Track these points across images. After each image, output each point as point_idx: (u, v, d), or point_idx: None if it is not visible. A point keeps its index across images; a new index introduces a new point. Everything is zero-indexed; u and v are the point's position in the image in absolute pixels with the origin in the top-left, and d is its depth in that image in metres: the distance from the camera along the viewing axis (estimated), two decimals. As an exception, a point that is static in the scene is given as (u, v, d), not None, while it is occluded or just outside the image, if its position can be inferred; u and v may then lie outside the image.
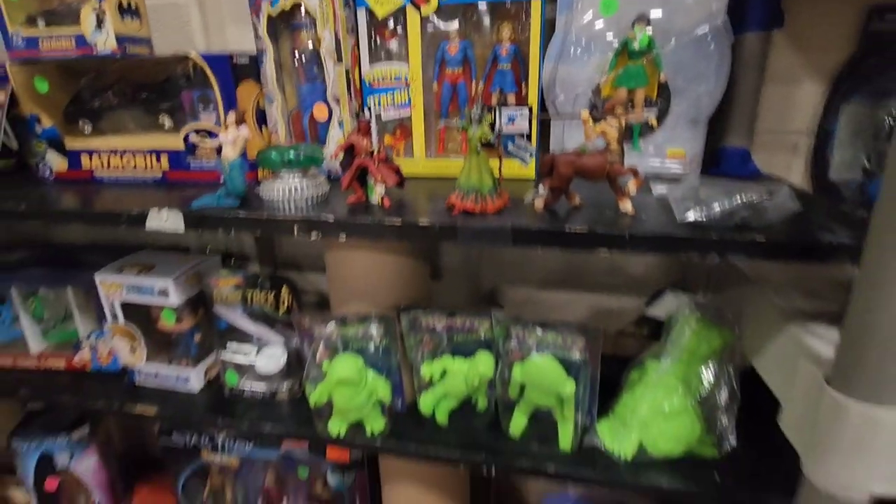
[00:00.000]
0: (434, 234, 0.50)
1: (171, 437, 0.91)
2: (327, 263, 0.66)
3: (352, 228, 0.52)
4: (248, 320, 0.73)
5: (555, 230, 0.48)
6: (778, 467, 0.57)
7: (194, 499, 0.97)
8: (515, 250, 0.84)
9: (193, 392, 0.75)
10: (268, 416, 0.69)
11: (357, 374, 0.59)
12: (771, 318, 0.54)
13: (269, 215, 0.55)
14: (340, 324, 0.61)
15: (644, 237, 0.45)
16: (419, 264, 0.67)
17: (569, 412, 0.59)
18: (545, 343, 0.58)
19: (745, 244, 0.43)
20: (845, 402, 0.38)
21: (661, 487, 0.55)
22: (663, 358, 0.57)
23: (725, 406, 0.59)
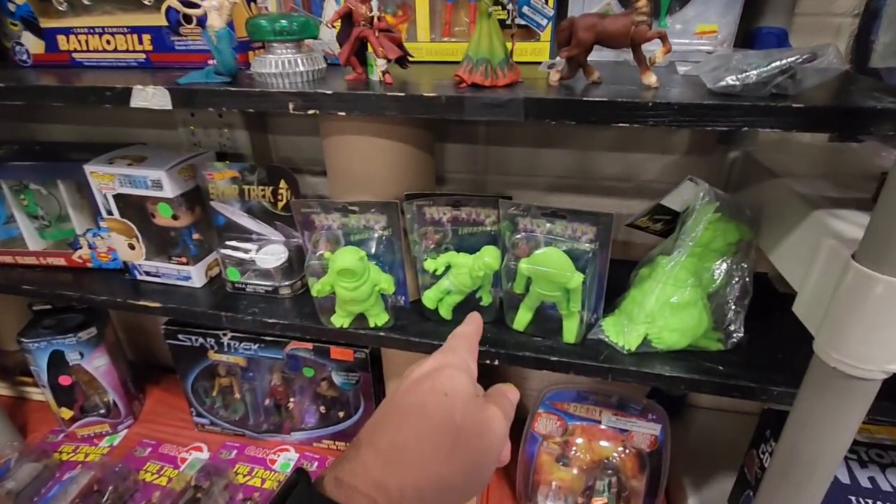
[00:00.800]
0: (440, 107, 0.46)
1: (178, 338, 0.93)
2: (325, 152, 0.62)
3: (351, 102, 0.49)
4: (247, 217, 0.70)
5: (572, 99, 0.44)
6: (785, 359, 0.57)
7: (203, 398, 1.00)
8: (523, 153, 0.80)
9: (196, 288, 0.75)
10: (271, 312, 0.68)
11: (359, 264, 0.58)
12: (794, 206, 0.51)
13: (263, 90, 0.51)
14: (342, 213, 0.59)
15: (670, 105, 0.41)
16: (423, 156, 0.63)
17: (575, 306, 0.58)
18: (554, 234, 0.56)
19: (782, 111, 0.40)
20: (871, 275, 0.36)
21: (664, 375, 0.55)
22: (676, 250, 0.55)
23: (736, 301, 0.58)
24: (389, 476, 0.26)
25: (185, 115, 0.84)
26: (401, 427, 0.29)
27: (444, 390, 0.30)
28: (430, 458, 0.27)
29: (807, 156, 0.64)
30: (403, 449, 0.27)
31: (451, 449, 0.28)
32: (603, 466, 0.73)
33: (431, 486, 0.27)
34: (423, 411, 0.29)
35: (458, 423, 0.29)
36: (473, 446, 0.29)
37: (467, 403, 0.30)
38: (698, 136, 0.74)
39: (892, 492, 0.56)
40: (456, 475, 0.28)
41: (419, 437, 0.28)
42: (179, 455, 1.00)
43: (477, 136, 0.81)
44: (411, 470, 0.27)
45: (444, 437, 0.28)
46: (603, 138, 0.77)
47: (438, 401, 0.29)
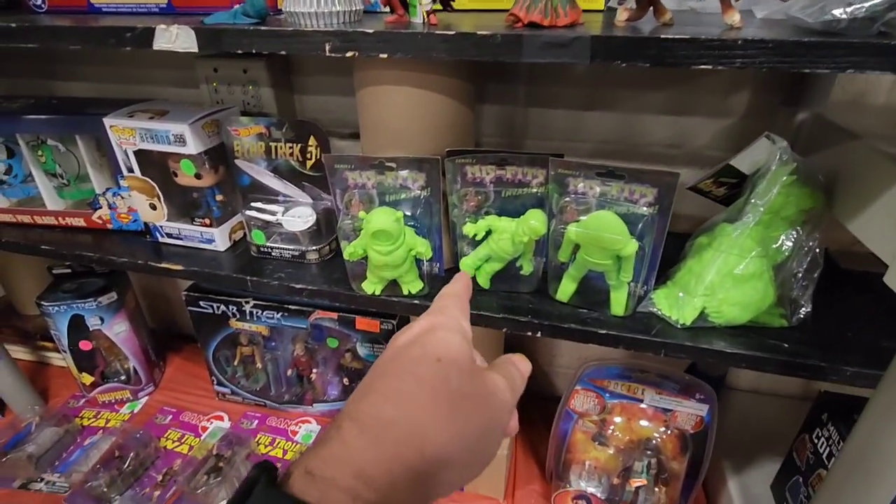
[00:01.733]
0: (495, 47, 0.42)
1: (199, 305, 0.90)
2: (360, 105, 0.58)
3: (395, 42, 0.44)
4: (273, 177, 0.67)
5: (648, 37, 0.39)
6: (856, 339, 0.52)
7: (225, 367, 0.98)
8: (564, 116, 0.75)
9: (219, 251, 0.72)
10: (298, 277, 0.65)
11: (395, 226, 0.54)
12: (881, 168, 0.45)
13: (297, 29, 0.46)
14: (377, 170, 0.54)
15: (763, 43, 0.36)
16: (465, 112, 0.58)
17: (626, 275, 0.54)
18: (608, 197, 0.52)
19: (894, 49, 0.34)
20: None
21: (723, 352, 0.51)
22: (745, 216, 0.50)
23: (804, 274, 0.53)
24: (374, 459, 0.22)
25: (208, 71, 0.79)
26: (388, 397, 0.24)
27: (436, 355, 0.25)
28: (424, 432, 0.23)
29: (886, 116, 0.58)
30: (392, 423, 0.23)
31: (448, 420, 0.23)
32: (643, 447, 0.69)
33: (427, 464, 0.22)
34: (415, 378, 0.24)
35: (454, 389, 0.24)
36: (474, 416, 0.25)
37: (464, 368, 0.25)
38: (758, 97, 0.68)
39: (967, 483, 0.52)
40: (455, 449, 0.23)
41: (411, 408, 0.23)
42: (200, 424, 0.99)
43: (517, 96, 0.76)
44: (402, 447, 0.22)
45: (439, 406, 0.23)
46: (652, 100, 0.71)
47: (431, 366, 0.25)
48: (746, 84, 0.67)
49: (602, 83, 0.72)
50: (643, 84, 0.71)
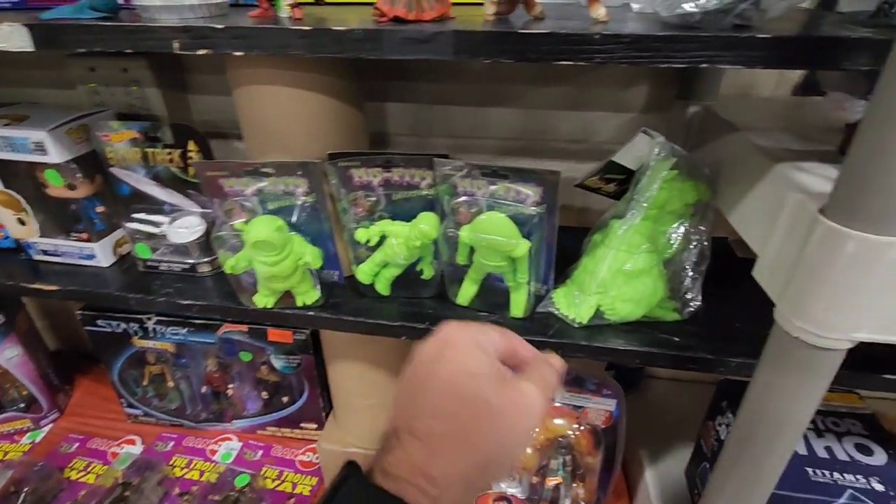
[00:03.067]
0: (354, 42, 0.39)
1: (97, 324, 0.84)
2: (237, 106, 0.54)
3: (249, 38, 0.40)
4: (154, 185, 0.62)
5: (508, 32, 0.37)
6: (744, 328, 0.53)
7: (134, 387, 0.92)
8: (469, 113, 0.74)
9: (103, 267, 0.66)
10: (188, 292, 0.61)
11: (277, 235, 0.50)
12: (755, 160, 0.46)
13: (142, 24, 0.42)
14: (254, 176, 0.51)
15: (620, 38, 0.35)
16: (349, 111, 0.55)
17: (522, 276, 0.53)
18: (496, 197, 0.50)
19: (747, 43, 0.34)
20: (842, 231, 0.31)
21: (617, 349, 0.51)
22: (629, 213, 0.50)
23: (693, 267, 0.53)
24: (433, 465, 0.26)
25: (83, 71, 0.72)
26: (436, 414, 0.28)
27: (468, 371, 0.29)
28: (472, 443, 0.27)
29: (769, 110, 0.59)
30: (444, 436, 0.27)
31: (489, 431, 0.28)
32: (557, 445, 0.69)
33: (474, 469, 0.27)
34: (457, 396, 0.28)
35: (494, 404, 0.28)
36: (511, 426, 0.28)
37: (496, 383, 0.29)
38: (655, 91, 0.68)
39: (849, 461, 0.54)
40: (496, 455, 0.28)
41: (458, 423, 0.27)
42: (110, 450, 0.92)
43: (420, 93, 0.74)
44: (454, 456, 0.27)
45: (482, 420, 0.28)
46: (554, 95, 0.71)
47: (467, 383, 0.28)
48: (643, 78, 0.68)
49: (502, 79, 0.70)
50: (543, 79, 0.70)
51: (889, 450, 0.56)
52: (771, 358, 0.39)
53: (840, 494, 0.51)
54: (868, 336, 0.34)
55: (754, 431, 0.43)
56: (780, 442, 0.42)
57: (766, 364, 0.40)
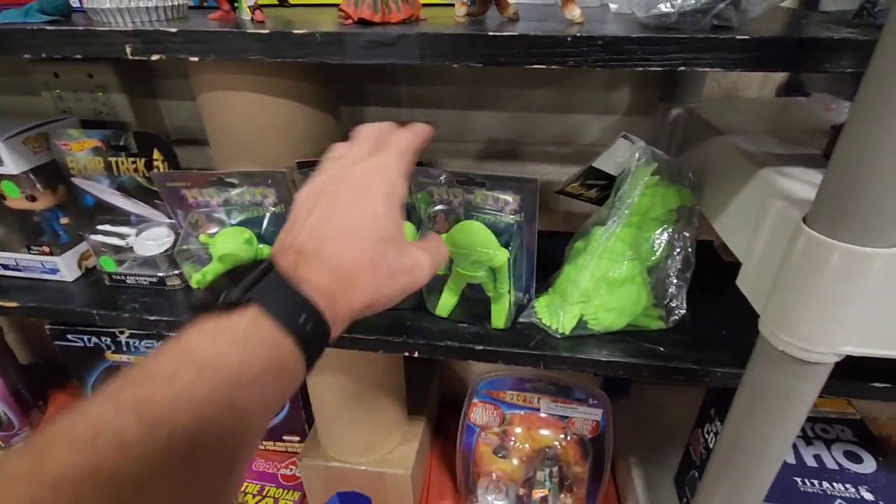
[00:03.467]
0: (314, 47, 0.37)
1: (67, 339, 0.81)
2: (201, 111, 0.52)
3: (204, 43, 0.38)
4: (119, 195, 0.59)
5: (476, 34, 0.35)
6: (730, 337, 0.52)
7: (109, 402, 0.89)
8: (451, 117, 0.72)
9: (67, 281, 0.63)
10: (155, 307, 0.58)
11: (245, 248, 0.48)
12: (738, 164, 0.45)
13: (91, 28, 0.40)
14: (219, 186, 0.48)
15: (593, 40, 0.34)
16: (322, 117, 0.53)
17: (502, 286, 0.51)
18: (474, 205, 0.48)
19: (725, 45, 0.32)
20: (827, 243, 0.30)
21: (600, 361, 0.49)
22: (610, 220, 0.48)
23: (678, 275, 0.52)
24: (339, 295, 0.28)
25: (47, 77, 0.70)
26: (347, 257, 0.29)
27: (380, 235, 0.30)
28: (368, 292, 0.30)
29: (753, 112, 0.58)
30: (352, 280, 0.29)
31: (384, 287, 0.31)
32: (543, 456, 0.68)
33: (361, 308, 0.30)
34: (368, 250, 0.30)
35: (393, 268, 0.31)
36: (400, 285, 0.32)
37: (399, 249, 0.31)
38: (639, 94, 0.67)
39: (837, 470, 0.53)
40: (379, 304, 0.31)
41: (364, 274, 0.29)
42: (84, 468, 0.89)
43: (399, 97, 0.72)
44: (354, 297, 0.29)
45: (382, 277, 0.30)
46: (538, 98, 0.69)
47: (377, 245, 0.30)
48: (626, 80, 0.66)
49: (485, 82, 0.69)
50: (527, 82, 0.68)
51: (878, 457, 0.55)
52: (756, 371, 0.38)
53: (829, 505, 0.50)
54: (856, 350, 0.33)
55: (740, 445, 0.41)
56: (766, 456, 0.41)
57: (751, 377, 0.39)
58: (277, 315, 0.25)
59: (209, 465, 0.22)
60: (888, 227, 0.29)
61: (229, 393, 0.23)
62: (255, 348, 0.24)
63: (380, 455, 0.75)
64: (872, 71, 0.27)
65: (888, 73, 0.26)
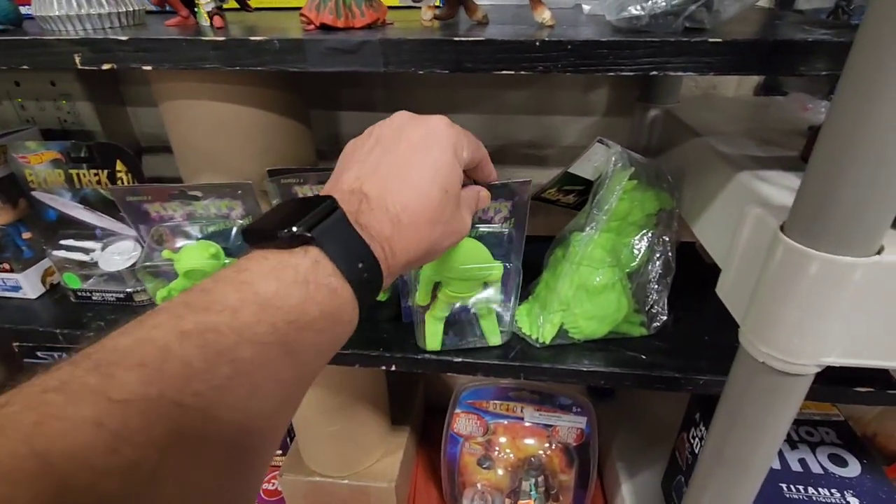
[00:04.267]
0: (273, 54, 0.35)
1: (37, 356, 0.78)
2: (165, 121, 0.50)
3: (157, 51, 0.36)
4: (82, 208, 0.57)
5: (441, 40, 0.34)
6: (712, 342, 0.51)
7: (83, 420, 0.86)
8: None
9: (30, 299, 0.61)
10: (123, 323, 0.56)
11: (212, 263, 0.46)
12: (716, 167, 0.44)
13: (37, 37, 0.37)
14: (182, 200, 0.47)
15: (562, 44, 0.32)
16: (292, 125, 0.51)
17: (496, 301, 0.48)
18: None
19: (697, 48, 0.31)
20: (804, 252, 0.29)
21: (581, 371, 0.48)
22: (588, 226, 0.47)
23: (658, 280, 0.51)
24: (396, 242, 0.28)
25: (9, 85, 0.67)
26: (409, 206, 0.29)
27: (446, 182, 0.30)
28: (424, 242, 0.30)
29: (731, 112, 0.57)
30: (409, 226, 0.29)
31: (437, 240, 0.31)
32: (528, 465, 0.66)
33: (415, 257, 0.30)
34: (430, 201, 0.30)
35: (445, 222, 0.31)
36: (448, 237, 0.32)
37: (455, 205, 0.32)
38: (616, 94, 0.66)
39: (822, 474, 0.52)
40: (430, 255, 0.32)
41: (422, 225, 0.30)
42: (59, 488, 0.86)
43: (374, 101, 0.70)
44: (409, 245, 0.29)
45: (437, 230, 0.31)
46: (515, 100, 0.68)
47: (441, 196, 0.30)
48: (603, 81, 0.65)
49: (461, 84, 0.67)
50: (504, 84, 0.67)
51: (863, 459, 0.54)
52: (737, 381, 0.37)
53: (815, 511, 0.49)
54: (837, 360, 0.32)
55: (725, 453, 0.40)
56: (751, 464, 0.40)
57: (732, 387, 0.38)
58: (340, 261, 0.25)
59: (267, 400, 0.22)
60: (868, 234, 0.28)
61: (289, 334, 0.23)
62: (315, 292, 0.24)
63: (363, 468, 0.73)
64: (848, 74, 0.26)
65: (864, 76, 0.25)
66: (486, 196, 0.38)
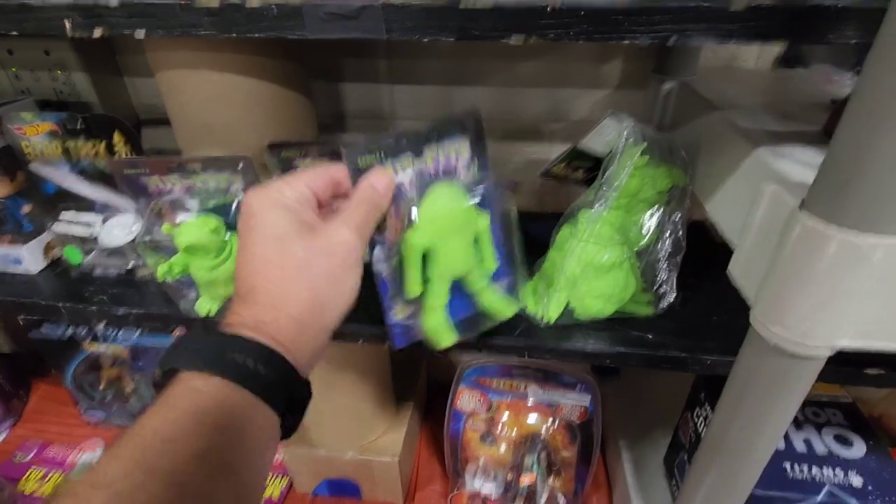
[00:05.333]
0: (270, 21, 0.34)
1: (42, 329, 0.78)
2: (161, 91, 0.48)
3: (149, 17, 0.35)
4: (80, 181, 0.56)
5: (446, 6, 0.32)
6: (721, 323, 0.50)
7: (91, 392, 0.87)
8: (434, 93, 0.68)
9: (32, 273, 0.60)
10: (125, 298, 0.56)
11: (213, 238, 0.45)
12: (733, 142, 0.42)
13: (23, 3, 0.36)
14: (181, 173, 0.45)
15: (575, 11, 0.30)
16: (292, 96, 0.50)
17: (489, 261, 0.43)
18: (424, 174, 0.40)
19: (717, 14, 0.29)
20: (824, 230, 0.28)
21: (585, 351, 0.47)
22: (597, 203, 0.46)
23: (667, 259, 0.50)
24: (261, 314, 0.29)
25: (2, 54, 0.65)
26: (258, 279, 0.31)
27: (273, 236, 0.31)
28: (291, 295, 0.30)
29: (750, 84, 0.55)
30: (266, 293, 0.30)
31: (297, 280, 0.30)
32: (531, 442, 0.67)
33: (302, 313, 0.30)
34: (270, 263, 0.30)
35: (301, 258, 0.30)
36: (320, 267, 0.31)
37: (302, 237, 0.31)
38: (631, 66, 0.64)
39: (827, 455, 0.52)
40: (317, 299, 0.31)
41: (277, 282, 0.30)
42: (70, 458, 0.88)
43: (378, 72, 0.68)
44: (277, 305, 0.30)
45: (286, 272, 0.30)
46: (525, 72, 0.66)
47: (275, 248, 0.31)
48: (618, 52, 0.63)
49: (470, 54, 0.65)
50: (513, 54, 0.64)
51: (868, 440, 0.54)
52: (746, 363, 0.36)
53: (818, 491, 0.49)
54: (851, 344, 0.31)
55: (730, 434, 0.40)
56: (757, 446, 0.39)
57: (741, 369, 0.37)
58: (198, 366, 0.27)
59: None
60: (893, 214, 0.26)
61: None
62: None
63: (367, 443, 0.74)
64: (880, 42, 0.24)
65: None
66: (378, 180, 0.35)
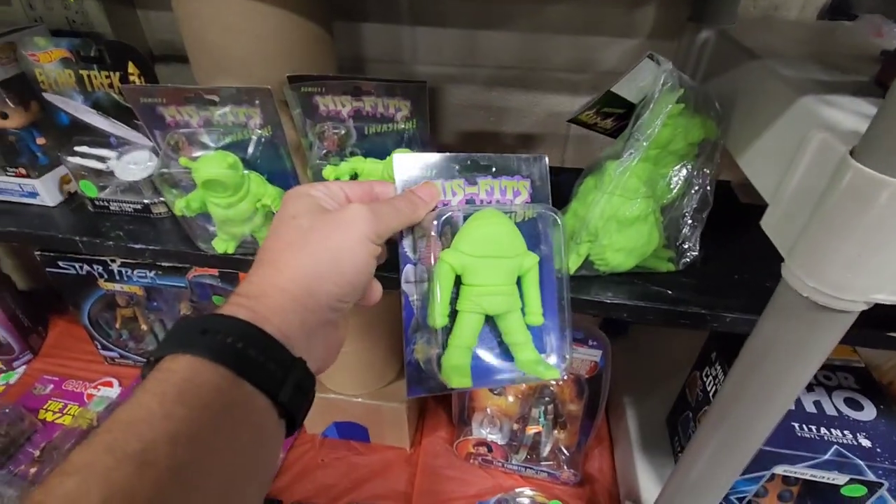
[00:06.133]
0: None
1: (59, 266, 0.79)
2: (177, 19, 0.46)
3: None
4: (95, 113, 0.55)
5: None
6: (742, 281, 0.49)
7: (107, 330, 0.89)
8: (458, 36, 0.66)
9: (48, 206, 0.60)
10: (140, 235, 0.55)
11: (230, 174, 0.44)
12: (776, 91, 0.40)
13: None
14: (198, 105, 0.44)
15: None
16: (313, 29, 0.48)
17: (535, 314, 0.40)
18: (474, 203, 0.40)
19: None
20: (876, 178, 0.26)
21: (605, 302, 0.47)
22: (626, 152, 0.44)
23: (693, 214, 0.49)
24: (252, 280, 0.30)
25: (12, -22, 0.63)
26: (263, 250, 0.32)
27: (289, 214, 0.33)
28: (284, 260, 0.31)
29: (793, 35, 0.52)
30: (260, 262, 0.32)
31: (299, 247, 0.31)
32: (539, 394, 0.68)
33: (294, 282, 0.30)
34: (278, 234, 0.32)
35: (306, 227, 0.32)
36: (324, 238, 0.32)
37: (313, 214, 0.33)
38: (665, 13, 0.60)
39: (836, 416, 0.52)
40: (312, 264, 0.31)
41: (276, 250, 0.32)
42: (86, 392, 0.91)
43: (399, 12, 0.65)
44: (271, 272, 0.31)
45: (294, 241, 0.31)
46: (553, 16, 0.63)
47: (288, 222, 0.33)
48: (652, -4, 0.60)
49: (494, -5, 0.62)
50: (542, -3, 0.61)
51: (879, 404, 0.54)
52: (773, 317, 0.35)
53: (825, 451, 0.50)
54: (888, 298, 0.30)
55: (746, 392, 0.40)
56: (771, 405, 0.39)
57: (767, 322, 0.36)
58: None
59: None
60: (949, 163, 0.25)
61: None
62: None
63: (376, 388, 0.75)
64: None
65: None
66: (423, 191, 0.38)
